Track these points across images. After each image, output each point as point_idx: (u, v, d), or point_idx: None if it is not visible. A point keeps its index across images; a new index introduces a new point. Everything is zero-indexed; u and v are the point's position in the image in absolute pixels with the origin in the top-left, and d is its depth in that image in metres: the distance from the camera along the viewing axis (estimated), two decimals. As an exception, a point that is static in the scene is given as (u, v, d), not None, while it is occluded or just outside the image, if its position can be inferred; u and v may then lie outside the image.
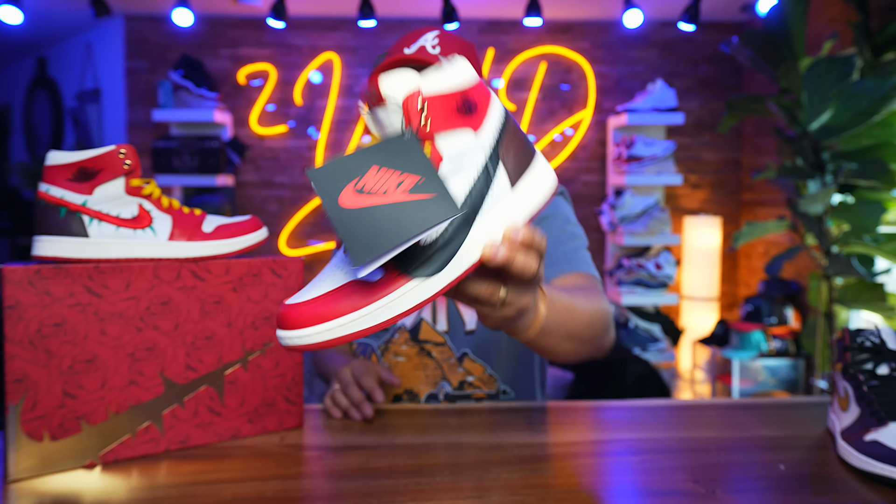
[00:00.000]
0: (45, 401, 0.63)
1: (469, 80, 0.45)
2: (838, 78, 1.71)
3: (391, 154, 0.40)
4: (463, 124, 0.43)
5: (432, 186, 0.39)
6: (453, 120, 0.43)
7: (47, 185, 0.66)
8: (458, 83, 0.44)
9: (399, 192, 0.39)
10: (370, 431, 0.75)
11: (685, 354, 3.17)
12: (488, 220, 0.43)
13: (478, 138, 0.44)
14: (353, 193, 0.38)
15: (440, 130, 0.43)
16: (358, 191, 0.39)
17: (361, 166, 0.39)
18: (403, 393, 0.92)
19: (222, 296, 0.71)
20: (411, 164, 0.40)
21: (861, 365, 0.70)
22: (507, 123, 0.46)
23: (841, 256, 1.86)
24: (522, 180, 0.45)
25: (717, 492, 0.59)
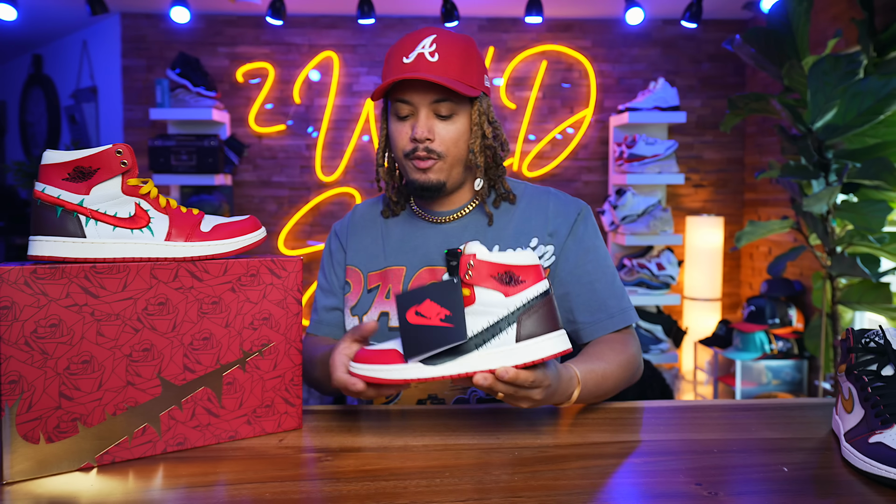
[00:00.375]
0: (41, 402, 0.63)
1: (524, 261, 0.65)
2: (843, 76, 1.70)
3: (442, 292, 0.65)
4: (497, 288, 0.64)
5: (455, 319, 0.64)
6: (490, 282, 0.65)
7: (43, 185, 0.65)
8: (507, 261, 0.64)
9: (436, 318, 0.64)
10: (369, 433, 0.75)
11: (687, 355, 3.16)
12: (485, 356, 0.65)
13: (505, 301, 0.64)
14: (414, 314, 0.65)
15: (478, 284, 0.65)
16: (417, 314, 0.65)
17: (423, 297, 0.65)
18: (427, 398, 0.91)
19: (220, 296, 0.71)
20: (449, 302, 0.64)
21: (865, 366, 0.69)
22: (540, 303, 0.65)
23: (845, 256, 1.85)
24: (529, 340, 0.64)
25: (720, 494, 0.58)
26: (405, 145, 0.89)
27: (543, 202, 0.95)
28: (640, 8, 2.70)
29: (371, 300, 0.94)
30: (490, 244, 0.93)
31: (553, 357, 0.65)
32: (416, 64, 0.85)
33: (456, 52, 0.87)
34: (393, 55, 0.88)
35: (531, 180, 3.16)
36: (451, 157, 0.89)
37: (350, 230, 1.00)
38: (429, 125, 0.87)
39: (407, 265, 0.94)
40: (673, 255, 2.82)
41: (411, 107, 0.87)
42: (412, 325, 0.65)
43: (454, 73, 0.85)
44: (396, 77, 0.84)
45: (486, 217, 0.94)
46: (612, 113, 3.11)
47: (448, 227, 0.95)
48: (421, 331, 0.64)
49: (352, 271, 0.97)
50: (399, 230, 0.97)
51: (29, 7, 2.98)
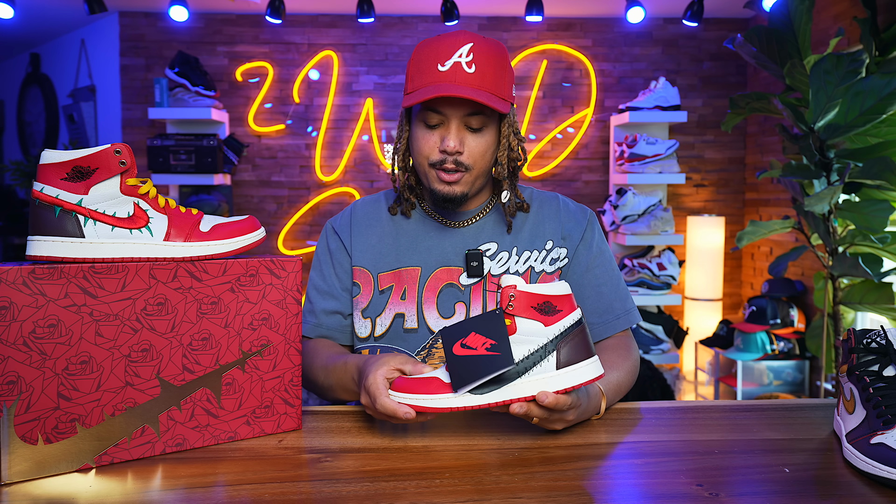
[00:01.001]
0: (40, 403, 0.62)
1: (560, 291, 0.69)
2: (845, 75, 1.69)
3: (486, 323, 0.69)
4: (537, 318, 0.68)
5: (501, 347, 0.67)
6: (531, 312, 0.68)
7: (42, 185, 0.65)
8: (545, 291, 0.68)
9: (482, 349, 0.68)
10: (369, 434, 0.74)
11: (688, 356, 3.16)
12: (527, 382, 0.68)
13: (545, 330, 0.68)
14: (459, 347, 0.68)
15: (519, 314, 0.68)
16: (463, 346, 0.68)
17: (468, 330, 0.69)
18: None
19: (219, 296, 0.70)
20: (494, 332, 0.68)
21: (867, 367, 0.69)
22: (575, 331, 0.69)
23: (846, 256, 1.84)
24: (569, 367, 0.68)
25: (721, 495, 0.58)
26: (433, 155, 0.88)
27: (555, 206, 0.98)
28: (641, 7, 2.69)
29: (384, 302, 0.92)
30: (508, 247, 0.94)
31: (591, 382, 0.69)
32: (452, 73, 0.83)
33: (492, 62, 0.86)
34: (426, 59, 0.86)
35: (532, 180, 3.16)
36: (477, 170, 0.89)
37: (353, 228, 0.97)
38: (460, 137, 0.86)
39: (422, 265, 0.93)
40: (674, 255, 2.82)
41: (442, 117, 0.87)
42: (459, 357, 0.67)
43: (489, 85, 0.85)
44: (435, 93, 0.82)
45: (501, 221, 0.96)
46: (613, 112, 3.11)
47: (464, 231, 0.95)
48: (468, 362, 0.67)
49: (359, 272, 0.94)
50: (411, 230, 0.96)
51: (27, 6, 2.98)
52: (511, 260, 0.94)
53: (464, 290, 0.92)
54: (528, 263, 0.94)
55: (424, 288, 0.92)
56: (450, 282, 0.92)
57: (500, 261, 0.94)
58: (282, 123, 3.09)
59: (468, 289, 0.92)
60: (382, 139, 3.12)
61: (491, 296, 0.93)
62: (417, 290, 0.92)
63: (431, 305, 0.92)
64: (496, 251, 0.94)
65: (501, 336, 0.67)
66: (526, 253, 0.94)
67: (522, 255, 0.94)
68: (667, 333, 2.85)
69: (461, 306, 0.92)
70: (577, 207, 0.99)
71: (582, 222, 0.96)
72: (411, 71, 0.89)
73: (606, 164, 3.17)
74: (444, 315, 0.92)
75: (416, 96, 0.85)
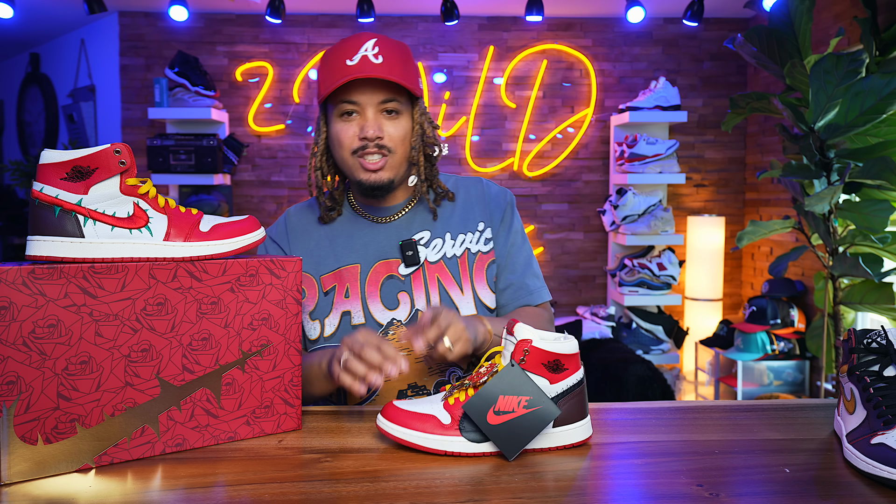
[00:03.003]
0: (39, 403, 0.62)
1: (570, 350, 0.69)
2: (845, 75, 1.69)
3: (509, 382, 0.67)
4: (545, 374, 0.69)
5: (539, 399, 0.67)
6: (540, 368, 0.68)
7: (41, 185, 0.65)
8: (557, 350, 0.68)
9: (521, 409, 0.67)
10: (369, 434, 0.74)
11: (688, 356, 3.15)
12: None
13: (550, 387, 0.69)
14: (494, 415, 0.66)
15: (529, 370, 0.68)
16: (497, 413, 0.66)
17: (494, 396, 0.67)
18: (408, 388, 0.92)
19: (219, 296, 0.70)
20: (523, 388, 0.67)
21: (867, 367, 0.68)
22: (576, 391, 0.70)
23: (847, 256, 1.84)
24: (565, 426, 0.70)
25: (721, 495, 0.58)
26: (353, 143, 0.90)
27: (479, 190, 1.01)
28: (642, 7, 2.69)
29: (330, 303, 0.95)
30: (441, 233, 0.97)
31: (581, 444, 0.71)
32: (361, 65, 0.86)
33: (398, 55, 0.90)
34: (332, 58, 0.89)
35: (532, 180, 3.16)
36: (399, 155, 0.92)
37: (290, 236, 0.99)
38: (378, 123, 0.89)
39: (361, 262, 0.95)
40: (674, 255, 2.82)
41: (357, 106, 0.89)
42: (498, 425, 0.66)
43: (398, 74, 0.88)
44: (349, 77, 0.85)
45: (429, 212, 0.98)
46: (613, 112, 3.11)
47: (396, 224, 0.97)
48: (512, 426, 0.66)
49: (303, 277, 0.96)
50: (345, 230, 0.98)
51: (26, 5, 2.98)
52: (446, 245, 0.96)
53: (404, 279, 0.94)
54: (465, 245, 0.97)
55: (366, 283, 0.94)
56: (389, 274, 0.95)
57: (436, 247, 0.96)
58: (282, 123, 3.09)
59: (408, 278, 0.95)
60: (382, 139, 3.12)
61: (432, 281, 0.94)
62: (360, 286, 0.94)
63: (375, 298, 0.94)
64: (430, 238, 0.96)
65: (534, 389, 0.66)
66: (461, 236, 0.97)
67: (458, 239, 0.97)
68: (667, 333, 2.85)
69: (404, 296, 0.94)
70: (499, 190, 1.03)
71: (503, 205, 1.00)
72: (321, 74, 0.92)
73: (606, 164, 3.17)
74: (388, 307, 0.94)
75: (330, 88, 0.87)
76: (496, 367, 0.69)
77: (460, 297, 0.94)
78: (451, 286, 0.95)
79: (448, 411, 0.68)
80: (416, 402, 0.72)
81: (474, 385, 0.69)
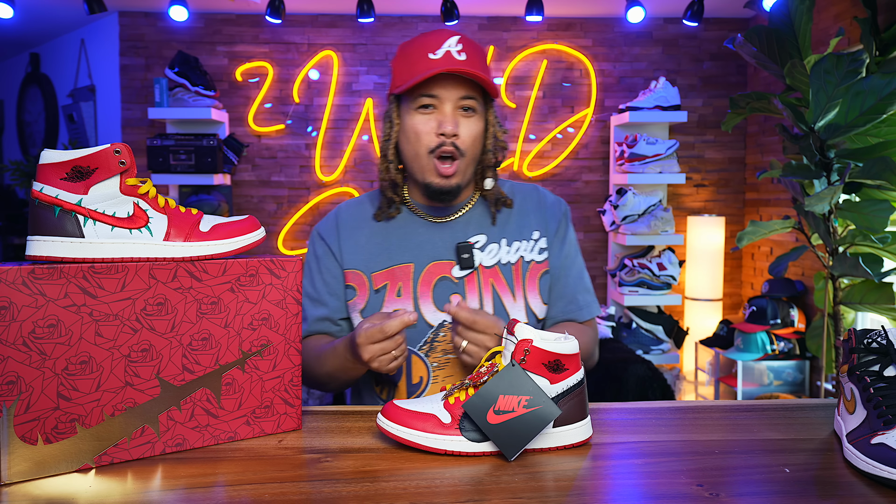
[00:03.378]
0: (39, 403, 0.62)
1: (570, 350, 0.69)
2: (845, 75, 1.69)
3: (508, 381, 0.67)
4: (545, 374, 0.68)
5: (539, 399, 0.67)
6: (541, 368, 0.68)
7: (41, 185, 0.65)
8: (557, 349, 0.68)
9: (520, 408, 0.66)
10: (369, 434, 0.74)
11: (688, 356, 3.15)
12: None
13: (551, 387, 0.69)
14: (493, 415, 0.66)
15: (529, 370, 0.68)
16: (497, 412, 0.66)
17: (494, 395, 0.66)
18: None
19: (219, 296, 0.70)
20: (523, 388, 0.67)
21: (867, 367, 0.68)
22: (576, 391, 0.70)
23: (847, 256, 1.84)
24: (565, 426, 0.69)
25: (721, 495, 0.58)
26: (430, 141, 0.89)
27: (535, 198, 1.00)
28: (641, 7, 2.69)
29: (381, 300, 0.93)
30: (497, 238, 0.96)
31: (581, 444, 0.71)
32: (445, 59, 0.85)
33: (480, 53, 0.89)
34: (415, 51, 0.87)
35: (532, 180, 3.16)
36: (469, 157, 0.91)
37: (340, 232, 0.97)
38: (456, 120, 0.88)
39: (415, 261, 0.94)
40: (674, 255, 2.82)
41: (436, 100, 0.88)
42: (498, 425, 0.66)
43: (480, 71, 0.87)
44: (435, 71, 0.84)
45: (486, 216, 0.97)
46: (613, 112, 3.11)
47: (452, 225, 0.96)
48: (512, 425, 0.66)
49: (353, 274, 0.95)
50: (399, 228, 0.96)
51: (26, 5, 2.98)
52: (502, 251, 0.95)
53: (457, 282, 0.94)
54: (519, 253, 0.96)
55: (419, 283, 0.93)
56: (443, 275, 0.94)
57: (491, 252, 0.95)
58: (282, 123, 3.09)
59: (461, 281, 0.94)
60: (382, 139, 3.12)
61: (486, 286, 0.94)
62: (412, 286, 0.93)
63: (427, 299, 0.93)
64: (486, 243, 0.96)
65: (534, 389, 0.66)
66: (516, 243, 0.96)
67: (513, 245, 0.96)
68: (667, 333, 2.85)
69: (456, 298, 0.93)
70: (555, 200, 1.02)
71: (558, 215, 1.00)
72: (398, 66, 0.90)
73: (606, 164, 3.17)
74: (440, 308, 0.93)
75: (413, 79, 0.86)
76: (496, 367, 0.69)
77: (513, 304, 0.94)
78: (505, 293, 0.94)
79: (448, 411, 0.68)
80: (417, 401, 0.72)
81: (474, 384, 0.69)
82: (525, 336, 0.68)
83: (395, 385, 0.94)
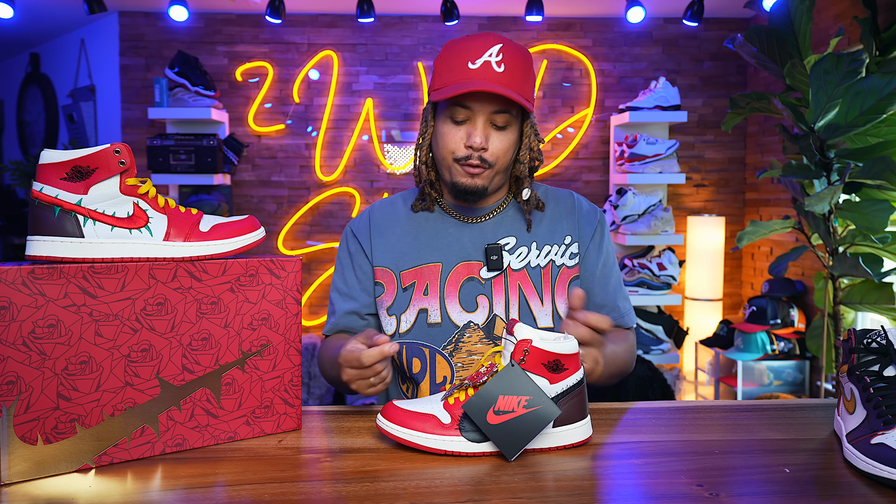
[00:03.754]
0: (39, 403, 0.62)
1: (570, 350, 0.69)
2: (845, 75, 1.69)
3: (508, 382, 0.67)
4: (545, 374, 0.68)
5: (539, 399, 0.67)
6: (540, 368, 0.68)
7: (41, 184, 0.65)
8: (557, 350, 0.68)
9: (520, 408, 0.66)
10: (369, 434, 0.74)
11: (688, 356, 3.15)
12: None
13: (550, 387, 0.68)
14: (493, 415, 0.66)
15: (529, 370, 0.68)
16: (497, 413, 0.66)
17: (494, 396, 0.67)
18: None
19: (219, 296, 0.70)
20: (523, 388, 0.67)
21: (867, 367, 0.68)
22: (576, 391, 0.70)
23: (847, 256, 1.84)
24: (564, 426, 0.70)
25: (721, 495, 0.58)
26: (458, 150, 0.90)
27: (570, 204, 1.00)
28: (641, 7, 2.69)
29: (408, 298, 0.94)
30: (527, 242, 0.96)
31: (580, 444, 0.71)
32: (483, 71, 0.85)
33: (520, 65, 0.88)
34: (455, 57, 0.87)
35: (532, 180, 3.15)
36: (499, 167, 0.92)
37: (372, 230, 0.99)
38: (486, 134, 0.88)
39: (443, 261, 0.95)
40: (674, 255, 2.82)
41: (469, 112, 0.88)
42: (498, 425, 0.66)
43: (517, 85, 0.87)
44: (467, 88, 0.84)
45: (519, 217, 0.98)
46: (613, 112, 3.11)
47: (482, 226, 0.97)
48: (511, 426, 0.66)
49: (382, 272, 0.96)
50: (430, 227, 0.97)
51: (26, 5, 2.98)
52: (531, 254, 0.95)
53: (484, 283, 0.94)
54: (549, 257, 0.96)
55: (446, 283, 0.94)
56: (470, 275, 0.94)
57: (520, 255, 0.95)
58: (282, 123, 3.09)
59: (489, 282, 0.94)
60: (382, 139, 3.12)
61: (513, 288, 0.94)
62: (439, 286, 0.94)
63: (454, 300, 0.93)
64: (515, 245, 0.96)
65: (534, 389, 0.66)
66: (546, 247, 0.96)
67: (543, 249, 0.96)
68: (667, 333, 2.85)
69: (483, 299, 0.93)
70: (590, 207, 1.02)
71: (594, 222, 0.99)
72: (439, 68, 0.90)
73: (606, 164, 3.17)
74: (466, 309, 0.93)
75: (447, 91, 0.86)
76: (496, 367, 0.69)
77: (539, 308, 0.94)
78: (532, 296, 0.94)
79: (448, 411, 0.68)
80: (416, 401, 0.72)
81: (474, 385, 0.69)
82: (524, 336, 0.68)
83: (417, 384, 0.95)
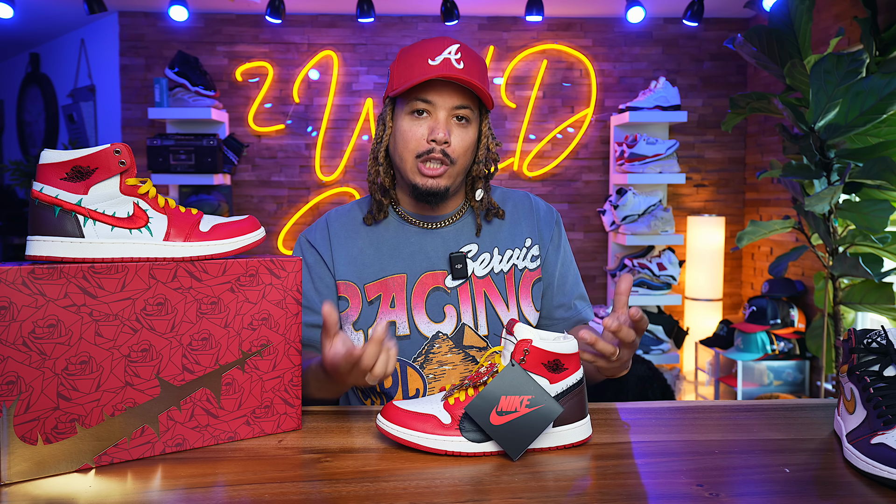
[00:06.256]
0: (39, 403, 0.62)
1: (570, 349, 0.69)
2: (845, 75, 1.69)
3: (510, 382, 0.67)
4: (545, 374, 0.68)
5: (541, 398, 0.67)
6: (540, 368, 0.68)
7: (41, 185, 0.65)
8: (557, 349, 0.68)
9: (522, 408, 0.67)
10: (369, 434, 0.74)
11: (688, 356, 3.15)
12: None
13: (550, 386, 0.69)
14: (497, 416, 0.66)
15: (529, 370, 0.68)
16: (500, 413, 0.66)
17: (496, 396, 0.67)
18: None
19: (219, 296, 0.70)
20: (525, 387, 0.67)
21: (867, 367, 0.69)
22: (576, 390, 0.70)
23: (847, 256, 1.84)
24: (565, 426, 0.70)
25: (721, 495, 0.58)
26: (420, 146, 0.88)
27: (527, 206, 1.01)
28: (641, 7, 2.69)
29: (374, 312, 0.92)
30: (489, 248, 0.95)
31: (580, 444, 0.70)
32: (443, 66, 0.85)
33: (478, 64, 0.89)
34: (415, 56, 0.87)
35: (532, 180, 3.16)
36: (460, 165, 0.91)
37: (332, 241, 0.95)
38: (448, 128, 0.88)
39: (407, 272, 0.93)
40: (674, 255, 2.82)
41: (430, 106, 0.88)
42: (502, 426, 0.66)
43: (477, 81, 0.87)
44: (431, 76, 0.84)
45: (476, 224, 0.97)
46: (613, 112, 3.11)
47: (443, 232, 0.95)
48: (515, 426, 0.66)
49: (346, 286, 0.93)
50: (391, 237, 0.95)
51: (27, 5, 2.98)
52: (494, 260, 0.95)
53: (450, 292, 0.93)
54: (512, 262, 0.96)
55: (412, 294, 0.92)
56: (436, 286, 0.93)
57: (483, 262, 0.95)
58: (282, 123, 3.09)
59: (454, 291, 0.93)
60: (382, 139, 3.12)
61: (479, 296, 0.93)
62: (406, 297, 0.92)
63: (421, 310, 0.92)
64: (477, 252, 0.95)
65: (536, 388, 0.67)
66: (508, 251, 0.96)
67: (505, 254, 0.96)
68: (667, 333, 2.85)
69: (450, 309, 0.93)
70: (547, 208, 1.02)
71: (552, 224, 1.00)
72: (397, 70, 0.90)
73: (606, 164, 3.17)
74: (434, 319, 0.92)
75: (408, 83, 0.86)
76: (496, 368, 0.69)
77: (506, 312, 0.93)
78: (498, 302, 0.94)
79: (448, 411, 0.68)
80: (416, 402, 0.72)
81: (474, 385, 0.69)
82: (524, 336, 0.68)
83: (390, 399, 0.94)
